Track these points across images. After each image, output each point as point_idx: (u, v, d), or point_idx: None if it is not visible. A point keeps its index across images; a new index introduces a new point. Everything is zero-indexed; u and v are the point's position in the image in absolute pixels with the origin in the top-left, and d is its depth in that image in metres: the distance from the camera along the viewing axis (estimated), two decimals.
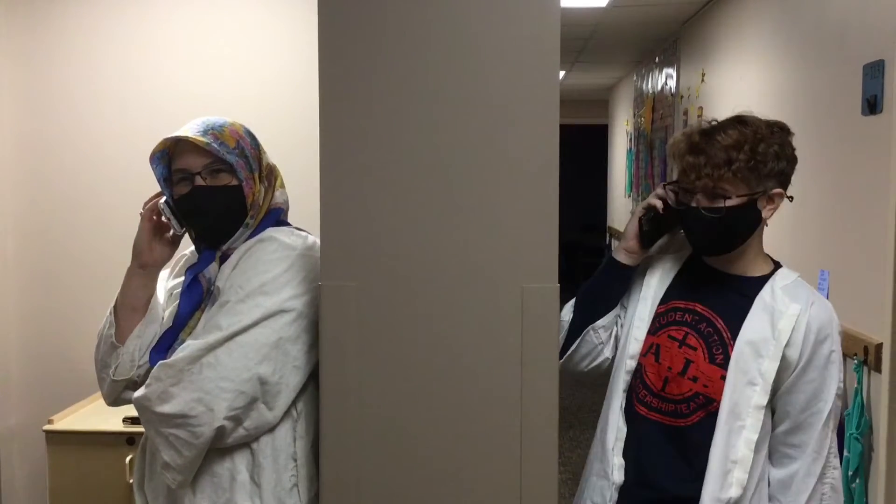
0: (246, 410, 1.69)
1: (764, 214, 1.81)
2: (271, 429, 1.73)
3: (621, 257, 1.93)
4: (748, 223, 1.80)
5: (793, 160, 1.83)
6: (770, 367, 1.75)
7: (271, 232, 1.83)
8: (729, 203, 1.75)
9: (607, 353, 1.96)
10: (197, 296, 1.79)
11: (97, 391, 2.98)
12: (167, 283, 1.89)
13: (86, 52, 3.23)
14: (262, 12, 3.22)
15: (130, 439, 2.72)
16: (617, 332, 1.97)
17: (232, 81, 3.19)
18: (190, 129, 1.77)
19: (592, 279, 1.98)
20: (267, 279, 1.73)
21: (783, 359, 1.76)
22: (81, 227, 3.24)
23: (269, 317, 1.70)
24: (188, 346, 1.69)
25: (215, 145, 1.75)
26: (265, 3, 3.22)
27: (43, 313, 3.27)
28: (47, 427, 2.87)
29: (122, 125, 3.21)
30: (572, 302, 1.98)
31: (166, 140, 1.77)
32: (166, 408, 1.67)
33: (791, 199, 1.85)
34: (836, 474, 1.81)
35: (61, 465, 2.83)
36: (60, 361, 3.20)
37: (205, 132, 1.76)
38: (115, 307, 1.80)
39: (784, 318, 1.76)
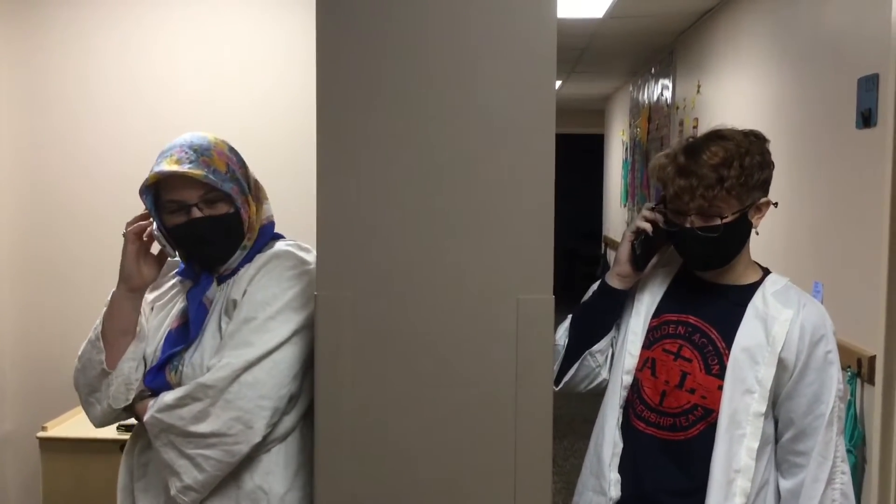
0: (275, 424, 1.72)
1: (754, 224, 1.82)
2: (283, 437, 1.76)
3: (615, 282, 1.92)
4: (742, 236, 1.81)
5: (772, 166, 1.84)
6: (767, 374, 1.75)
7: (282, 246, 1.86)
8: (724, 221, 1.76)
9: (604, 374, 1.95)
10: (204, 318, 1.80)
11: None
12: (147, 295, 1.86)
13: (83, 55, 3.22)
14: (260, 17, 3.22)
15: (124, 446, 2.71)
16: (613, 351, 1.96)
17: (229, 87, 3.19)
18: (179, 157, 1.73)
19: (586, 305, 1.97)
20: (292, 295, 1.75)
21: (780, 363, 1.76)
22: (77, 233, 3.24)
23: (299, 332, 1.73)
24: (225, 366, 1.68)
25: (212, 177, 1.72)
26: (263, 7, 3.23)
27: (38, 320, 3.27)
28: (41, 434, 2.87)
29: (119, 131, 3.21)
30: (566, 325, 1.96)
31: (160, 173, 1.71)
32: (202, 427, 1.67)
33: (776, 204, 1.86)
34: (845, 479, 1.78)
35: (55, 472, 2.83)
36: (55, 368, 3.19)
37: (196, 160, 1.73)
38: (102, 333, 1.77)
39: (777, 324, 1.77)
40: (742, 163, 1.75)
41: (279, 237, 1.91)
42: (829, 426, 1.76)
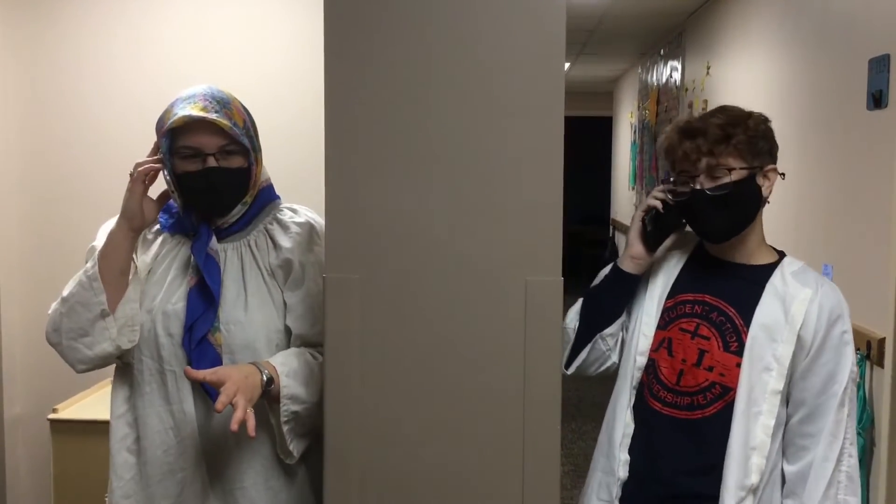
0: None
1: (763, 192, 1.83)
2: None
3: (628, 266, 1.92)
4: (752, 199, 1.81)
5: (776, 144, 1.87)
6: (785, 352, 1.76)
7: (307, 210, 1.92)
8: (734, 176, 1.77)
9: (614, 357, 1.96)
10: (217, 270, 1.80)
11: (101, 381, 3.01)
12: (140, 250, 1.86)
13: (92, 44, 3.22)
14: (270, 3, 3.21)
15: None
16: (624, 335, 1.97)
17: (238, 73, 3.18)
18: (205, 105, 1.75)
19: (598, 288, 1.96)
20: None
21: (798, 341, 1.76)
22: (87, 217, 3.23)
23: None
24: None
25: (235, 129, 1.75)
26: None
27: (47, 303, 3.27)
28: (52, 416, 2.88)
29: (128, 118, 3.20)
30: (576, 308, 1.96)
31: (189, 117, 1.72)
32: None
33: (783, 175, 1.88)
34: (852, 462, 1.78)
35: (65, 454, 2.84)
36: None
37: (220, 111, 1.75)
38: (99, 273, 1.76)
39: (796, 302, 1.77)
40: (747, 124, 1.79)
41: (278, 197, 1.93)
42: (841, 406, 1.76)
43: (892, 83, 2.52)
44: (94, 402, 2.97)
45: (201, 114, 1.73)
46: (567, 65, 8.01)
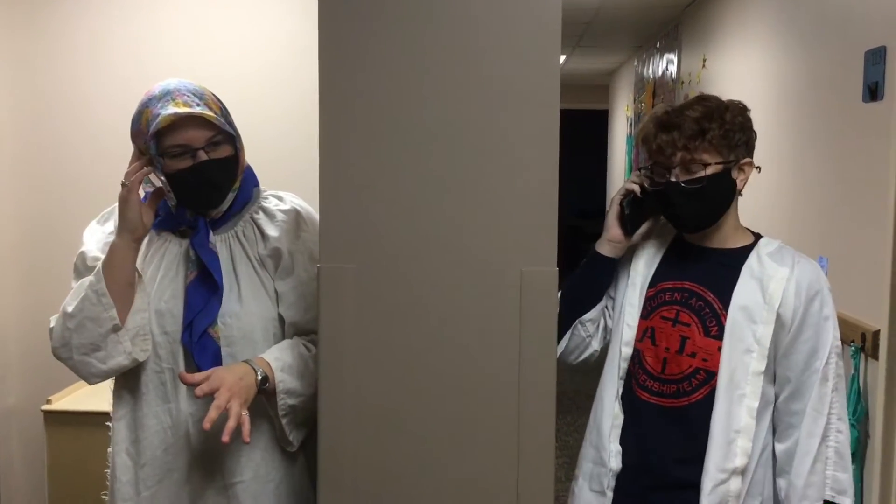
0: None
1: (738, 185, 1.84)
2: None
3: (605, 250, 1.93)
4: (726, 192, 1.83)
5: (754, 134, 1.87)
6: (765, 332, 1.77)
7: (292, 197, 1.91)
8: (708, 171, 1.78)
9: (595, 345, 1.97)
10: (219, 263, 1.80)
11: None
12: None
13: (87, 37, 3.21)
14: None
15: None
16: (605, 322, 1.98)
17: (233, 61, 3.17)
18: (186, 100, 1.72)
19: (576, 274, 1.98)
20: None
21: (777, 320, 1.77)
22: (79, 210, 3.22)
23: None
24: None
25: (220, 118, 1.74)
26: None
27: (43, 294, 3.27)
28: (45, 407, 2.88)
29: (123, 111, 3.15)
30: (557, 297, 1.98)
31: (176, 115, 1.69)
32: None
33: (759, 169, 1.88)
34: (841, 438, 1.78)
35: (59, 445, 2.84)
36: None
37: (201, 104, 1.73)
38: (107, 287, 1.73)
39: (773, 282, 1.79)
40: (723, 117, 1.79)
41: (258, 183, 1.91)
42: (824, 381, 1.77)
43: (888, 75, 2.52)
44: (88, 393, 2.97)
45: (186, 109, 1.70)
46: (563, 57, 8.00)
